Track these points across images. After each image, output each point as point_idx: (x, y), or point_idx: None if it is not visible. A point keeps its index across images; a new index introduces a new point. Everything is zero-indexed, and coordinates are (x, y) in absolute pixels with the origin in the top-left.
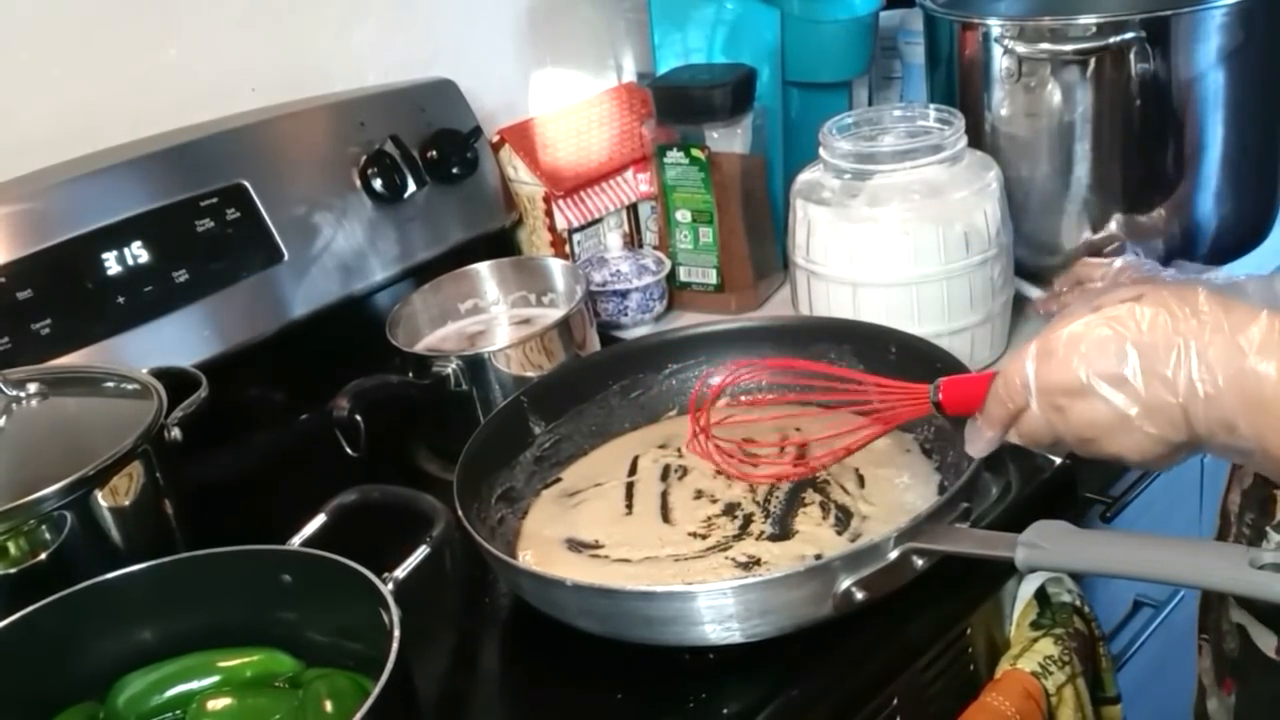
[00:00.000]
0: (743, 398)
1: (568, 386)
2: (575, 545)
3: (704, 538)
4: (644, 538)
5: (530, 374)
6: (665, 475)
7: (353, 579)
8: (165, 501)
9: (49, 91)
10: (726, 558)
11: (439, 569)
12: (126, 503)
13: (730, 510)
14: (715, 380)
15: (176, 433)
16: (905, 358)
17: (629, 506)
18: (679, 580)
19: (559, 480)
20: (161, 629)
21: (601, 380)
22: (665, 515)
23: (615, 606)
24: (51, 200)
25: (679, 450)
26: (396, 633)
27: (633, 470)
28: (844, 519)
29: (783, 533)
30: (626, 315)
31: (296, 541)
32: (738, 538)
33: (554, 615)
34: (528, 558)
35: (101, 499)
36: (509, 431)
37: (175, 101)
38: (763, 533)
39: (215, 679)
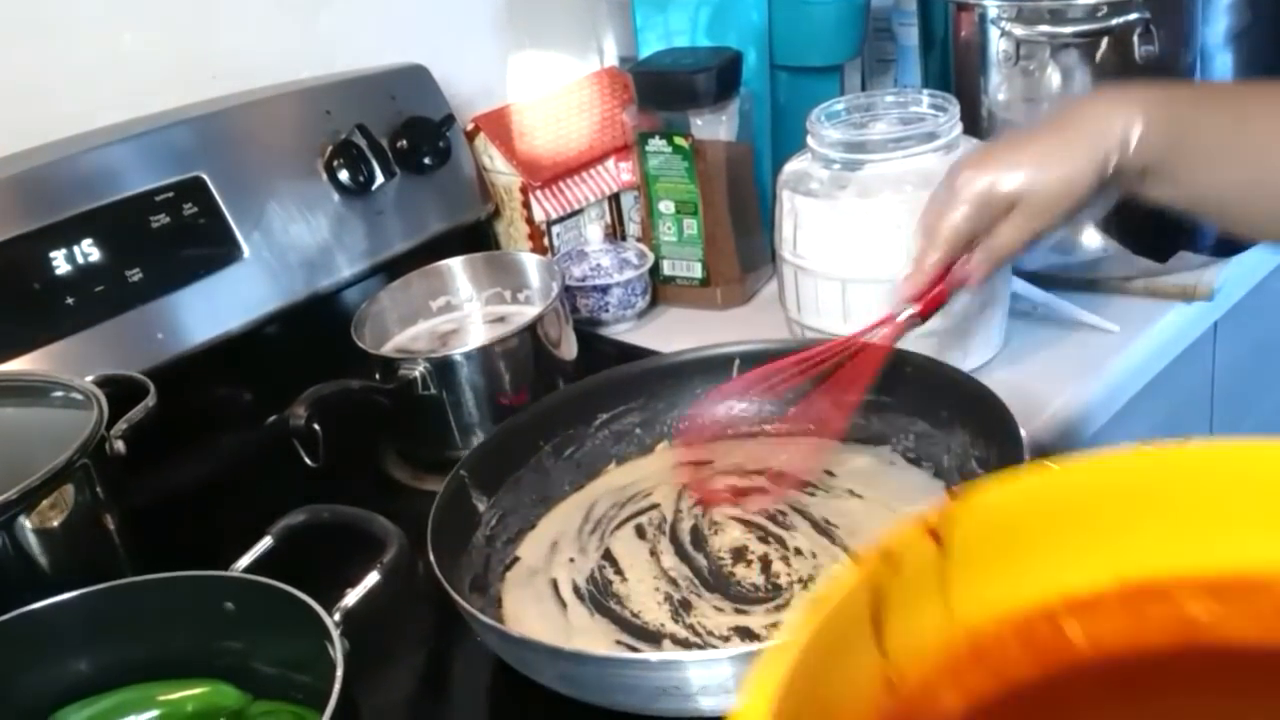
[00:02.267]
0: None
1: (502, 453)
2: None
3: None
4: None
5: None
6: (642, 534)
7: (297, 608)
8: (107, 519)
9: None
10: None
11: (409, 587)
12: (63, 523)
13: (768, 564)
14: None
15: (120, 445)
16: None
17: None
18: None
19: (517, 559)
20: (98, 660)
21: (533, 442)
22: (715, 583)
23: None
24: None
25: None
26: (339, 670)
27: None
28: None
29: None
30: (608, 311)
31: (241, 565)
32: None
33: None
34: None
35: (35, 519)
36: (458, 513)
37: (130, 90)
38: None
39: (155, 713)
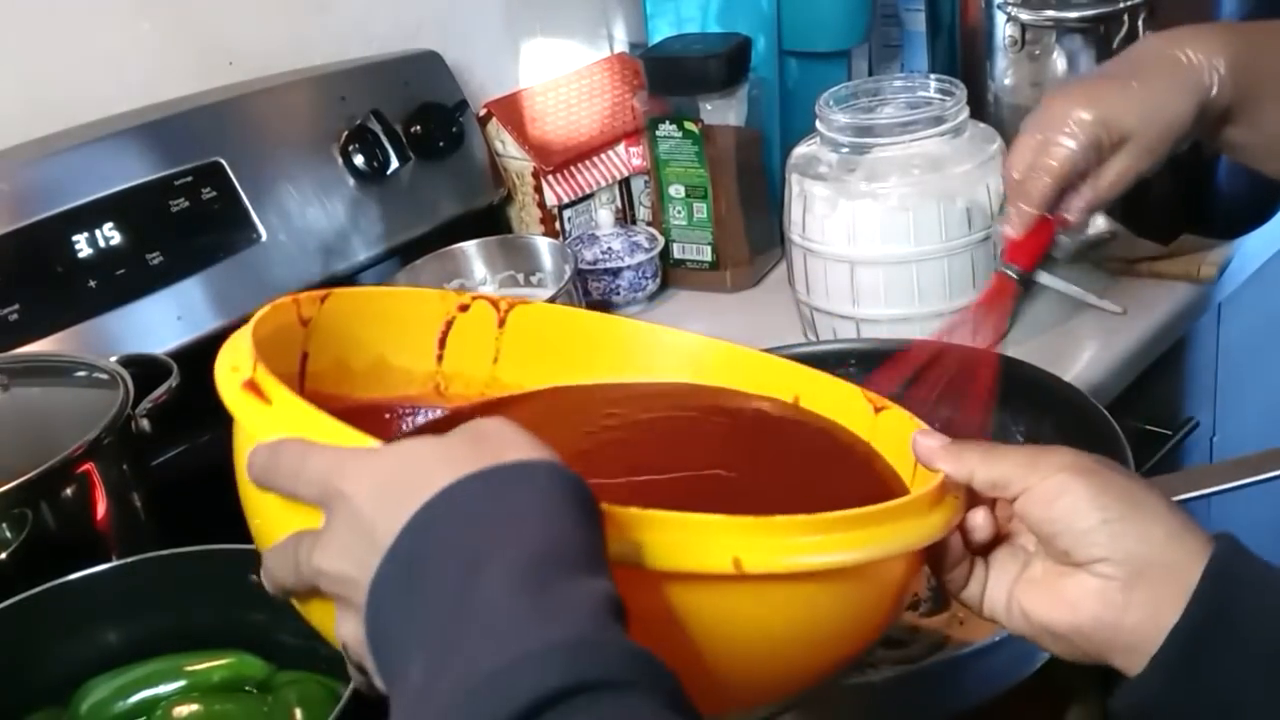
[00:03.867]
0: None
1: None
2: None
3: None
4: None
5: None
6: None
7: None
8: (133, 496)
9: (16, 67)
10: None
11: None
12: (91, 498)
13: None
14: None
15: (145, 424)
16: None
17: None
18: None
19: None
20: (127, 631)
21: None
22: None
23: None
24: (19, 180)
25: None
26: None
27: None
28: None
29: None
30: (618, 294)
31: None
32: None
33: None
34: None
35: (65, 495)
36: None
37: (149, 76)
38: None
39: (182, 683)
